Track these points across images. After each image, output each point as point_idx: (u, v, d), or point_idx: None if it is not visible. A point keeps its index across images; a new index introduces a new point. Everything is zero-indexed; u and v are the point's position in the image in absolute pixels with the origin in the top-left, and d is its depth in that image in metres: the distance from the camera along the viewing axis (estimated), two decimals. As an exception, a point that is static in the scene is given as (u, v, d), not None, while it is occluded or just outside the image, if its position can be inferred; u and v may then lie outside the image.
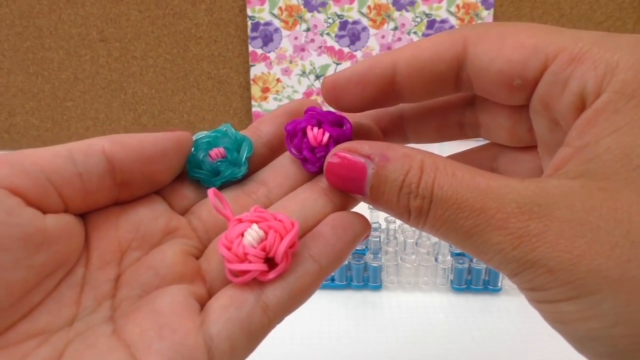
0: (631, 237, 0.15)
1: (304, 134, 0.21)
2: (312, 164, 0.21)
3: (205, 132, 0.23)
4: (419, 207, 0.17)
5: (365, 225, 0.20)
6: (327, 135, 0.21)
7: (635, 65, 0.16)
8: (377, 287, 0.43)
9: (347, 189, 0.20)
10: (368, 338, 0.38)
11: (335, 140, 0.21)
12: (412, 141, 0.26)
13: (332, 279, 0.43)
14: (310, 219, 0.20)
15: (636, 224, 0.15)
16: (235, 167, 0.22)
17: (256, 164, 0.23)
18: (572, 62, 0.17)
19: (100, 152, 0.18)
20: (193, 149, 0.22)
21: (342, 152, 0.19)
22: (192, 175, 0.22)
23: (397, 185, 0.18)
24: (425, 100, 0.24)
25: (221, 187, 0.22)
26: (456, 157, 0.25)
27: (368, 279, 0.43)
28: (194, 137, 0.22)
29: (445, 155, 0.25)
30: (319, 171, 0.21)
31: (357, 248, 0.45)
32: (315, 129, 0.21)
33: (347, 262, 0.42)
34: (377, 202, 0.19)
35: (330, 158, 0.20)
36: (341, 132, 0.21)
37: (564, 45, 0.18)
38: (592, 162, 0.16)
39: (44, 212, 0.17)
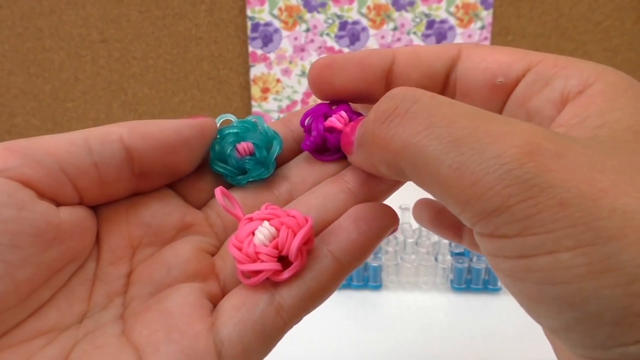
0: None
1: (325, 117, 0.21)
2: (332, 146, 0.21)
3: (230, 116, 0.21)
4: (395, 105, 0.15)
5: (391, 217, 0.19)
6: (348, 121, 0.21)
7: (617, 74, 0.16)
8: (377, 286, 0.43)
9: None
10: (368, 338, 0.38)
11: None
12: None
13: (333, 279, 0.43)
14: (331, 213, 0.19)
15: None
16: (263, 168, 0.20)
17: (285, 158, 0.22)
18: (555, 66, 0.18)
19: (117, 140, 0.17)
20: (218, 138, 0.21)
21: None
22: (215, 168, 0.20)
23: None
24: None
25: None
26: None
27: (368, 279, 0.43)
28: (218, 123, 0.21)
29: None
30: (336, 157, 0.21)
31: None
32: (343, 112, 0.21)
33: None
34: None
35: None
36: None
37: (548, 56, 0.18)
38: (600, 129, 0.14)
39: (58, 204, 0.16)
